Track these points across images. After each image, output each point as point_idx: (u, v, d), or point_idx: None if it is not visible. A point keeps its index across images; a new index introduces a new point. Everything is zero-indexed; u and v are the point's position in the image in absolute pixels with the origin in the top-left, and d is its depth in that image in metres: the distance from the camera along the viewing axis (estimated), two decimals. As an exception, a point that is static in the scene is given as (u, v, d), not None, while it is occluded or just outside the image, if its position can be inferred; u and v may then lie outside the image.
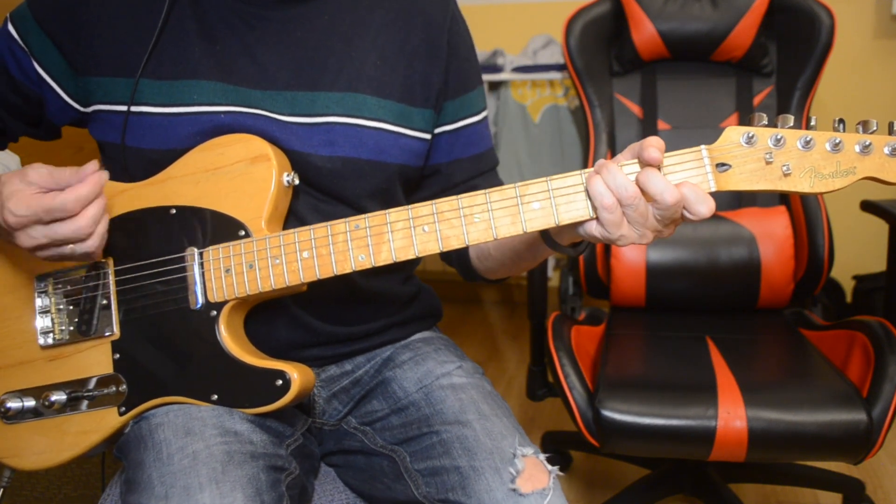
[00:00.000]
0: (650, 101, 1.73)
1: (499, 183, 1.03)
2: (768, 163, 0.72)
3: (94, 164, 0.78)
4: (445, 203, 0.77)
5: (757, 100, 1.69)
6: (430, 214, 0.78)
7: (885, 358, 1.24)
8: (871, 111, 2.24)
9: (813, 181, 0.72)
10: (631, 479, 1.63)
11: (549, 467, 0.84)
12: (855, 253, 2.30)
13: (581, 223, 0.75)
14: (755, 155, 0.73)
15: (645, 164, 0.71)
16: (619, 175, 0.71)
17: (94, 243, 0.79)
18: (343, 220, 0.80)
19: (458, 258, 1.00)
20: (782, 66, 1.69)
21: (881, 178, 0.72)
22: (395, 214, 0.79)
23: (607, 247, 1.66)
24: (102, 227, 0.80)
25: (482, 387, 0.93)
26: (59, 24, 0.88)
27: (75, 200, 0.76)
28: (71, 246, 0.78)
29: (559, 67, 2.19)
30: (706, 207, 0.70)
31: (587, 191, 0.73)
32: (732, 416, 1.19)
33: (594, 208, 0.73)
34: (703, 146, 0.74)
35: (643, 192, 0.71)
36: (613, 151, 1.71)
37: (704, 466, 1.57)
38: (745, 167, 0.73)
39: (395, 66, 0.92)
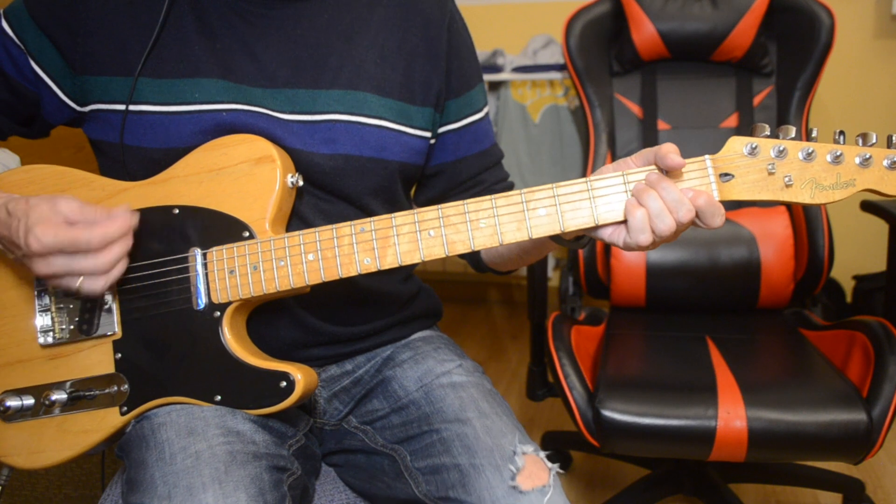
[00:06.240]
0: (650, 101, 1.73)
1: (504, 175, 1.05)
2: (770, 174, 0.73)
3: (125, 206, 0.79)
4: (451, 208, 0.77)
5: (757, 100, 1.69)
6: (435, 219, 0.78)
7: (885, 358, 1.24)
8: (871, 111, 2.24)
9: (813, 192, 0.73)
10: (631, 479, 1.63)
11: (550, 464, 0.85)
12: (855, 253, 2.31)
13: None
14: (758, 166, 0.73)
15: (667, 169, 0.73)
16: (674, 190, 0.72)
17: (104, 283, 0.79)
18: (348, 223, 0.80)
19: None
20: (782, 66, 1.69)
21: (880, 191, 0.73)
22: (401, 218, 0.79)
23: (607, 247, 1.66)
24: (118, 271, 0.80)
25: (482, 385, 0.94)
26: (56, 21, 0.86)
27: (102, 237, 0.77)
28: (81, 279, 0.78)
29: (559, 67, 2.19)
30: (720, 219, 0.73)
31: (633, 211, 0.73)
32: (732, 416, 1.19)
33: (630, 222, 0.74)
34: (706, 156, 0.74)
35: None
36: (613, 152, 1.71)
37: (704, 466, 1.57)
38: (748, 178, 0.73)
39: (394, 64, 0.93)
